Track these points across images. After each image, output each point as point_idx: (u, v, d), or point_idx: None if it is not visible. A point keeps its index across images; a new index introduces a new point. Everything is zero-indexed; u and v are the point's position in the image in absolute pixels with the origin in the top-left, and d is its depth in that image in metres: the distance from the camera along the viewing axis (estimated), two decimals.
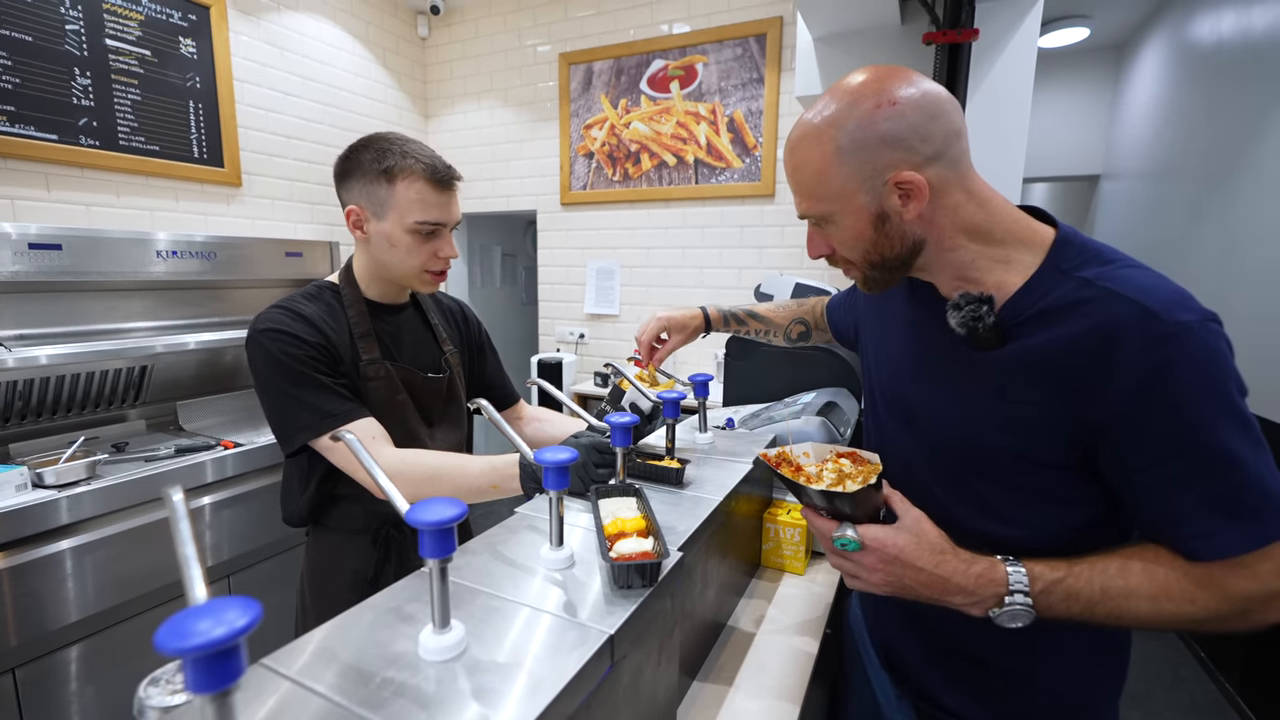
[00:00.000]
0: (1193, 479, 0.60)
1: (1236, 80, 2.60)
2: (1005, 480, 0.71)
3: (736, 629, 1.04)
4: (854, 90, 0.67)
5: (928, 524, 0.70)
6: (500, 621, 0.58)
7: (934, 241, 0.71)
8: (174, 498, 0.42)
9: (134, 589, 1.67)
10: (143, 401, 2.12)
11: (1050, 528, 0.71)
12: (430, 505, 0.50)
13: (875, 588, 0.70)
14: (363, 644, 0.54)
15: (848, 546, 0.68)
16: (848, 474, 0.71)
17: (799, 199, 0.74)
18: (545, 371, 3.38)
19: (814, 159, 0.69)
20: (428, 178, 1.02)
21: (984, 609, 0.66)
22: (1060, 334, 0.64)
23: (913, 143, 0.65)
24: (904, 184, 0.66)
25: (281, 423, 1.00)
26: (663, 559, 0.65)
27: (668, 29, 3.17)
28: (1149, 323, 0.59)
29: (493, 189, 3.77)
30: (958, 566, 0.66)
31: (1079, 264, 0.66)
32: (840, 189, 0.69)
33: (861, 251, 0.73)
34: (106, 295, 2.04)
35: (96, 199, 2.30)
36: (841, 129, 0.67)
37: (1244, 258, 2.43)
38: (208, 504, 1.86)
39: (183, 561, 0.38)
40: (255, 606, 0.33)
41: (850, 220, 0.70)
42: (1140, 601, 0.62)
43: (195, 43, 2.55)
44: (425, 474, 0.95)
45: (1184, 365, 0.58)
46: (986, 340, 0.68)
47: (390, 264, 1.07)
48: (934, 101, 0.66)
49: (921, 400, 0.79)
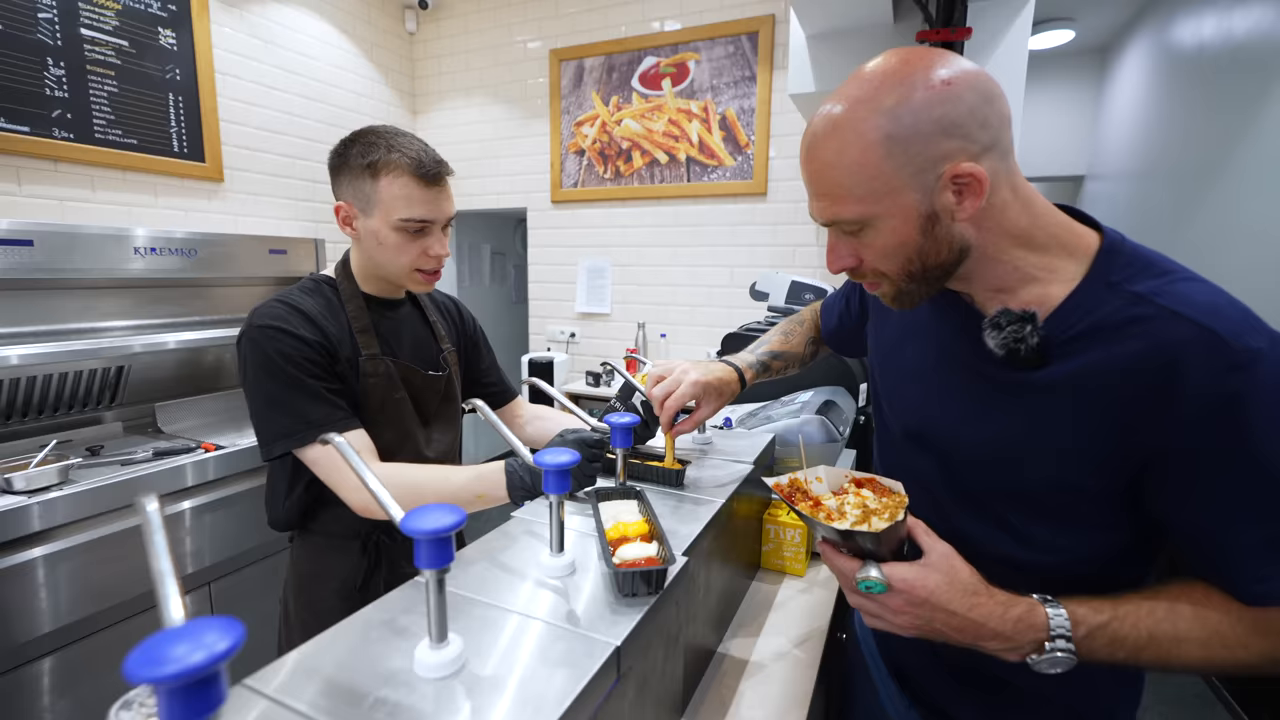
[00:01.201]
0: (1256, 518, 0.55)
1: (1217, 82, 2.62)
2: (1035, 507, 0.66)
3: (738, 635, 1.02)
4: (896, 72, 0.58)
5: (958, 560, 0.62)
6: (500, 633, 0.55)
7: (979, 247, 0.62)
8: (148, 508, 0.38)
9: (109, 598, 1.61)
10: (119, 403, 2.05)
11: (1077, 554, 0.66)
12: (426, 512, 0.47)
13: (900, 630, 0.63)
14: (354, 660, 0.51)
15: (873, 589, 0.60)
16: (873, 510, 0.63)
17: (825, 203, 0.63)
18: (536, 371, 3.34)
19: (851, 152, 0.59)
20: (413, 173, 0.98)
21: (1021, 655, 0.60)
22: (1112, 355, 0.58)
23: (971, 129, 0.57)
24: (961, 177, 0.57)
25: (263, 427, 0.97)
26: (669, 565, 0.62)
27: (659, 26, 3.14)
28: (1217, 349, 0.53)
29: (482, 186, 3.72)
30: (993, 610, 0.60)
31: (1129, 276, 0.59)
32: (885, 186, 0.59)
33: (902, 260, 0.63)
34: (81, 293, 1.97)
35: (71, 193, 2.22)
36: (890, 115, 0.57)
37: (1226, 257, 2.45)
38: (188, 509, 1.80)
39: (157, 578, 0.35)
40: (237, 628, 0.30)
41: (894, 224, 0.60)
42: (1191, 647, 0.57)
43: (175, 34, 2.48)
44: (407, 485, 0.92)
45: (1255, 396, 0.53)
46: (1027, 360, 0.61)
47: (381, 262, 1.04)
48: (986, 83, 0.58)
49: (944, 419, 0.73)
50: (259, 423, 0.97)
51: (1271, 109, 2.22)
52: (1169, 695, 2.35)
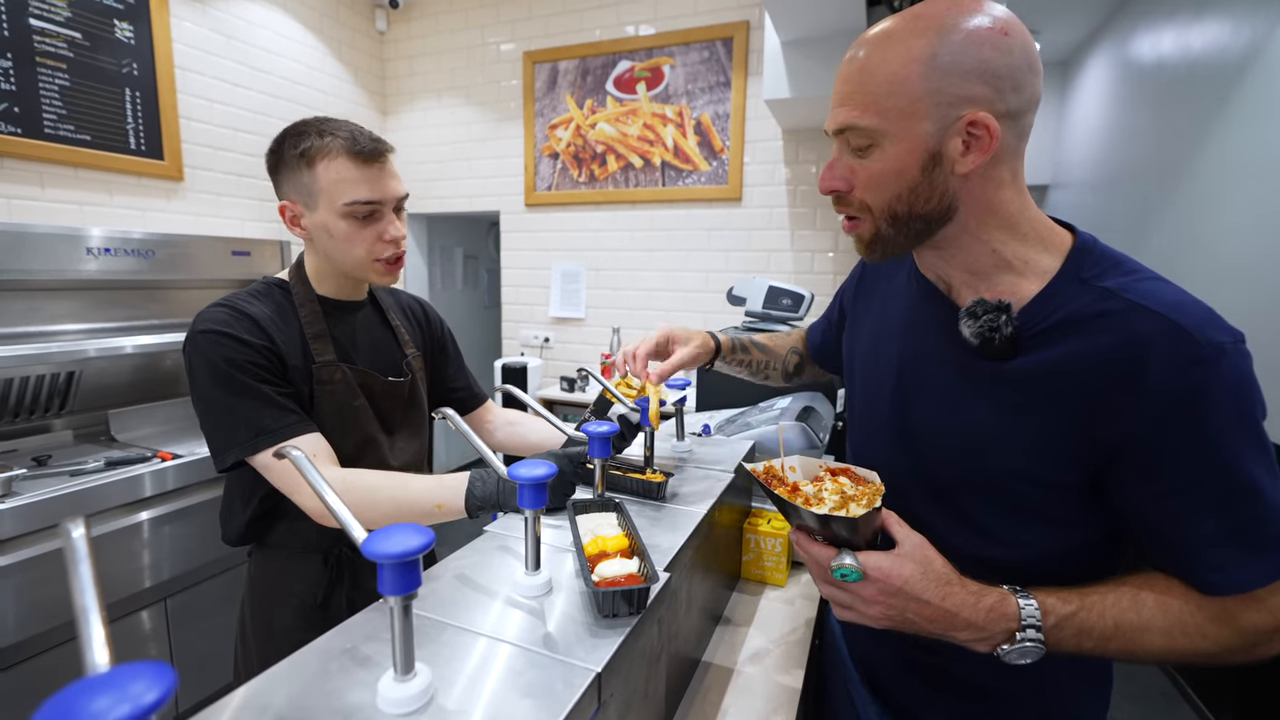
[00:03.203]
0: (1213, 508, 0.56)
1: (1176, 96, 2.71)
2: (1002, 500, 0.67)
3: (720, 649, 0.99)
4: (964, 4, 0.58)
5: (932, 551, 0.63)
6: (471, 661, 0.52)
7: (965, 213, 0.63)
8: (73, 533, 0.34)
9: (57, 616, 1.52)
10: (70, 410, 1.95)
11: (1046, 550, 0.67)
12: (391, 534, 0.43)
13: (872, 621, 0.63)
14: (310, 695, 0.47)
15: (848, 577, 0.60)
16: (850, 496, 0.63)
17: (848, 106, 0.62)
18: (510, 376, 3.28)
19: (895, 60, 0.58)
20: (349, 153, 0.93)
21: (992, 645, 0.60)
22: (1081, 347, 0.59)
23: (1005, 85, 0.57)
24: (976, 126, 0.58)
25: (214, 436, 0.91)
26: (651, 583, 0.59)
27: (634, 30, 3.13)
28: (1181, 342, 0.55)
29: (454, 189, 3.66)
30: (966, 600, 0.60)
31: (1099, 273, 0.61)
32: (909, 107, 0.59)
33: (891, 195, 0.63)
34: (28, 295, 1.87)
35: (18, 191, 2.11)
36: (944, 37, 0.57)
37: (1185, 267, 2.53)
38: (145, 520, 1.72)
39: (80, 615, 0.31)
40: (167, 676, 0.27)
41: (900, 149, 0.60)
42: (1154, 637, 0.59)
43: (133, 27, 2.38)
44: (364, 489, 0.87)
45: (1216, 390, 0.54)
46: (1000, 351, 0.63)
47: (336, 257, 0.99)
48: (1037, 56, 0.59)
49: (915, 411, 0.74)
50: (210, 432, 0.92)
51: (1227, 123, 2.30)
52: (1135, 693, 2.39)
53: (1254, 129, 2.15)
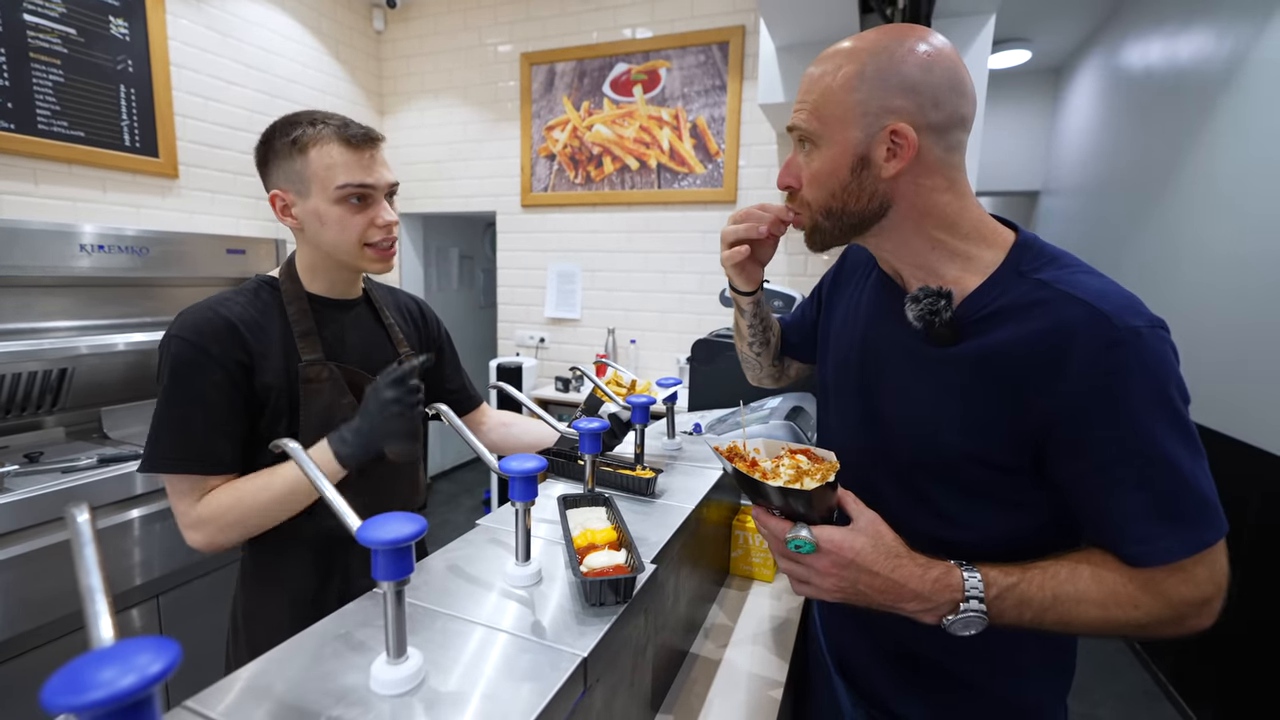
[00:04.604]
0: (1133, 484, 0.60)
1: (1164, 103, 2.75)
2: (955, 481, 0.71)
3: (707, 642, 1.01)
4: (902, 30, 0.67)
5: (883, 526, 0.67)
6: (462, 646, 0.53)
7: (899, 213, 0.69)
8: (78, 518, 0.36)
9: (47, 613, 1.52)
10: (62, 407, 1.95)
11: (998, 532, 0.70)
12: (385, 521, 0.45)
13: (826, 594, 0.67)
14: (306, 678, 0.48)
15: (802, 548, 0.64)
16: (806, 471, 0.67)
17: (800, 109, 0.71)
18: (505, 376, 3.29)
19: (834, 74, 0.67)
20: (341, 139, 0.96)
21: (938, 616, 0.64)
22: (1014, 333, 0.64)
23: (924, 101, 0.64)
24: (897, 135, 0.65)
25: (150, 438, 0.93)
26: (637, 573, 0.61)
27: (631, 33, 3.15)
28: (1100, 326, 0.59)
29: (451, 189, 3.66)
30: (914, 571, 0.64)
31: (1037, 266, 0.66)
32: (841, 114, 0.67)
33: (827, 193, 0.70)
34: (21, 291, 1.87)
35: (11, 186, 2.11)
36: (873, 56, 0.65)
37: (1172, 271, 2.57)
38: (136, 517, 1.72)
39: (86, 594, 0.32)
40: (172, 649, 0.28)
41: (833, 152, 0.68)
42: (1089, 607, 0.62)
43: (128, 24, 2.38)
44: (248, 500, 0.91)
45: (1132, 370, 0.58)
46: (942, 336, 0.68)
47: (328, 246, 1.00)
48: (963, 81, 0.66)
49: (873, 396, 0.78)
50: (150, 432, 0.93)
51: (1213, 131, 2.34)
52: (1119, 690, 2.43)
53: (1237, 136, 2.19)
